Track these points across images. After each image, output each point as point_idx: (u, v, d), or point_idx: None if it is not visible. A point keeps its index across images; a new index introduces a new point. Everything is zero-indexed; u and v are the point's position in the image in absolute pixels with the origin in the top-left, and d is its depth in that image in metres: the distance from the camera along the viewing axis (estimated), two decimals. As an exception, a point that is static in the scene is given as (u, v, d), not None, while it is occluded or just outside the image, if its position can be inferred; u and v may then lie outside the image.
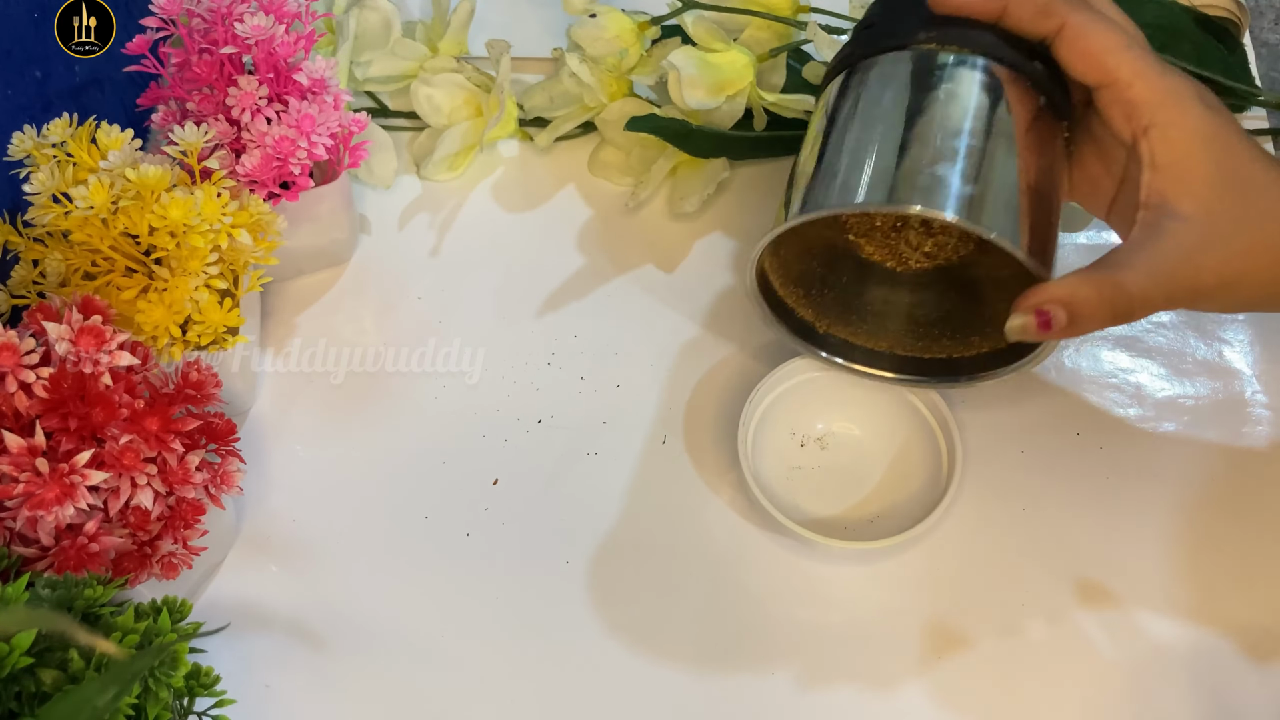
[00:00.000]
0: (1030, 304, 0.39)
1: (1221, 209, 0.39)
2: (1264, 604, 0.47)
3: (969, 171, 0.40)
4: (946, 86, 0.42)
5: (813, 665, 0.46)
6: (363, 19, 0.59)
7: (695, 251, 0.58)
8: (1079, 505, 0.49)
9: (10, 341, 0.40)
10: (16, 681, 0.34)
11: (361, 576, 0.49)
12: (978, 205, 0.39)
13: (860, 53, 0.45)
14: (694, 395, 0.53)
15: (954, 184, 0.39)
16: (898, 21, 0.44)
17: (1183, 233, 0.39)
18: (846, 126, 0.43)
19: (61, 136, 0.47)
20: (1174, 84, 0.39)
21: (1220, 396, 0.52)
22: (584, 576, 0.48)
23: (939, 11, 0.42)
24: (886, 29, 0.44)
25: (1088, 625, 0.46)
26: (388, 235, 0.59)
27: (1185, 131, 0.39)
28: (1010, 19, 0.41)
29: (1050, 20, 0.41)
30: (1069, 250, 0.56)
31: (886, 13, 0.45)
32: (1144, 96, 0.39)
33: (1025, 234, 0.40)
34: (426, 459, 0.52)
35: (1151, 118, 0.39)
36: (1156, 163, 0.39)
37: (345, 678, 0.46)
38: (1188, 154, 0.39)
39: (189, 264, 0.46)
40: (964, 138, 0.40)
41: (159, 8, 0.49)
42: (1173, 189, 0.39)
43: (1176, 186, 0.39)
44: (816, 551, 0.48)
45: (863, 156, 0.41)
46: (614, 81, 0.58)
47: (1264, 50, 1.29)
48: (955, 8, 0.42)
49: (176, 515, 0.42)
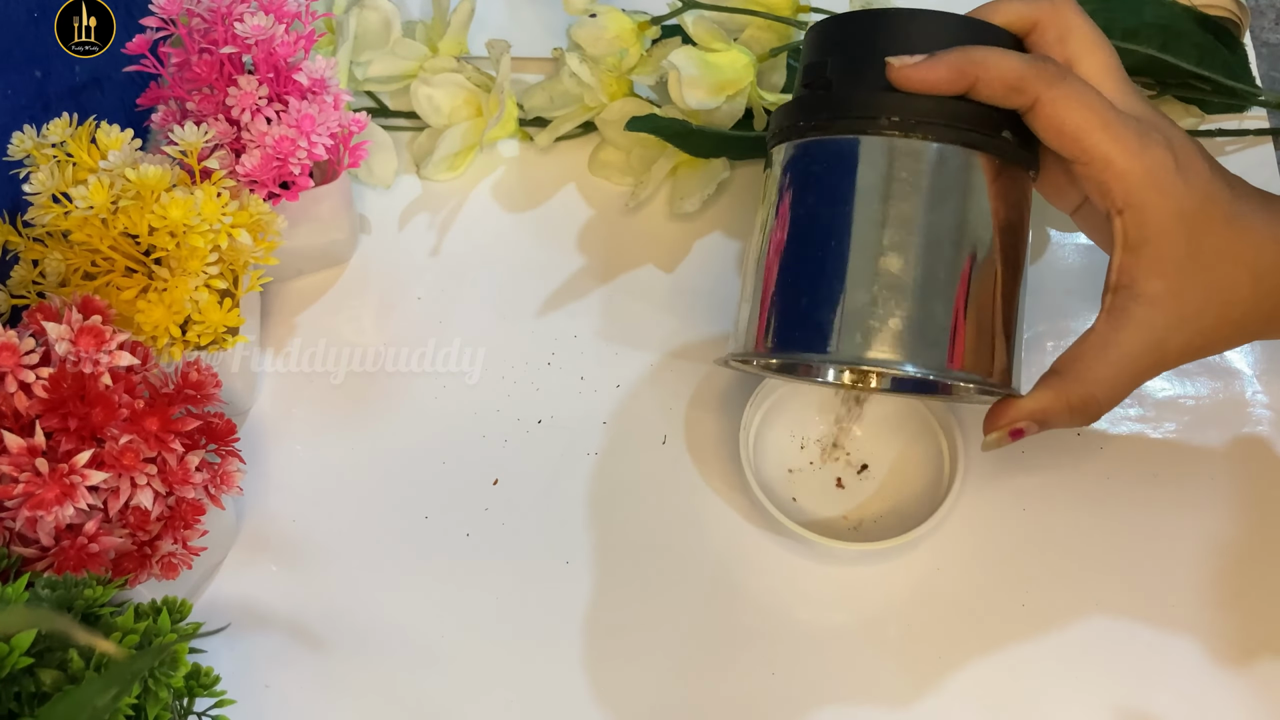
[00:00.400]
0: (1004, 423, 0.41)
1: (1189, 288, 0.39)
2: (1265, 602, 0.47)
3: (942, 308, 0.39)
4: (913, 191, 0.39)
5: (813, 666, 0.46)
6: (363, 19, 0.59)
7: (695, 251, 0.58)
8: (1080, 506, 0.49)
9: (10, 341, 0.40)
10: (16, 682, 0.34)
11: (361, 576, 0.49)
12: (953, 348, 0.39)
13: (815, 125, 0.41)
14: (694, 395, 0.53)
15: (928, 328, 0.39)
16: (854, 83, 0.41)
17: (1150, 318, 0.39)
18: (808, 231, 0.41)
19: (61, 136, 0.46)
20: (1152, 162, 0.38)
21: (1221, 397, 0.52)
22: (584, 576, 0.48)
23: (900, 88, 0.39)
24: (842, 96, 0.41)
25: (1088, 625, 0.46)
26: (388, 235, 0.59)
27: (1160, 214, 0.38)
28: (978, 95, 0.39)
29: (1022, 97, 0.38)
30: (1069, 250, 0.56)
31: (841, 72, 0.41)
32: (1120, 180, 0.38)
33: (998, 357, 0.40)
34: (426, 459, 0.52)
35: (1127, 199, 0.38)
36: (1129, 243, 0.39)
37: (345, 678, 0.46)
38: (1161, 234, 0.38)
39: (189, 264, 0.46)
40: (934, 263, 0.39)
41: (159, 7, 0.49)
42: (1143, 269, 0.39)
43: (1147, 267, 0.39)
44: (817, 552, 0.48)
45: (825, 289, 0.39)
46: (614, 81, 0.58)
47: (1264, 50, 1.29)
48: (919, 86, 0.39)
49: (176, 515, 0.42)
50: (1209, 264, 0.39)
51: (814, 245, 0.40)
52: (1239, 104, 0.58)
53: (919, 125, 0.39)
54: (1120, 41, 0.55)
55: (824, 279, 0.40)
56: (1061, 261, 0.56)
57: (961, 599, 0.47)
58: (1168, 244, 0.38)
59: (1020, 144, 0.40)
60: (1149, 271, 0.39)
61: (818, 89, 0.41)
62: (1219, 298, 0.39)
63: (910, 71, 0.39)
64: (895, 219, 0.39)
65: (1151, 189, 0.38)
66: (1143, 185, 0.38)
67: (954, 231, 0.39)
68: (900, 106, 0.39)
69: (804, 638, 0.47)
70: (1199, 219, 0.39)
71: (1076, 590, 0.47)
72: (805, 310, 0.40)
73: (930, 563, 0.48)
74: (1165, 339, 0.39)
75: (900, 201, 0.39)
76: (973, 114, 0.39)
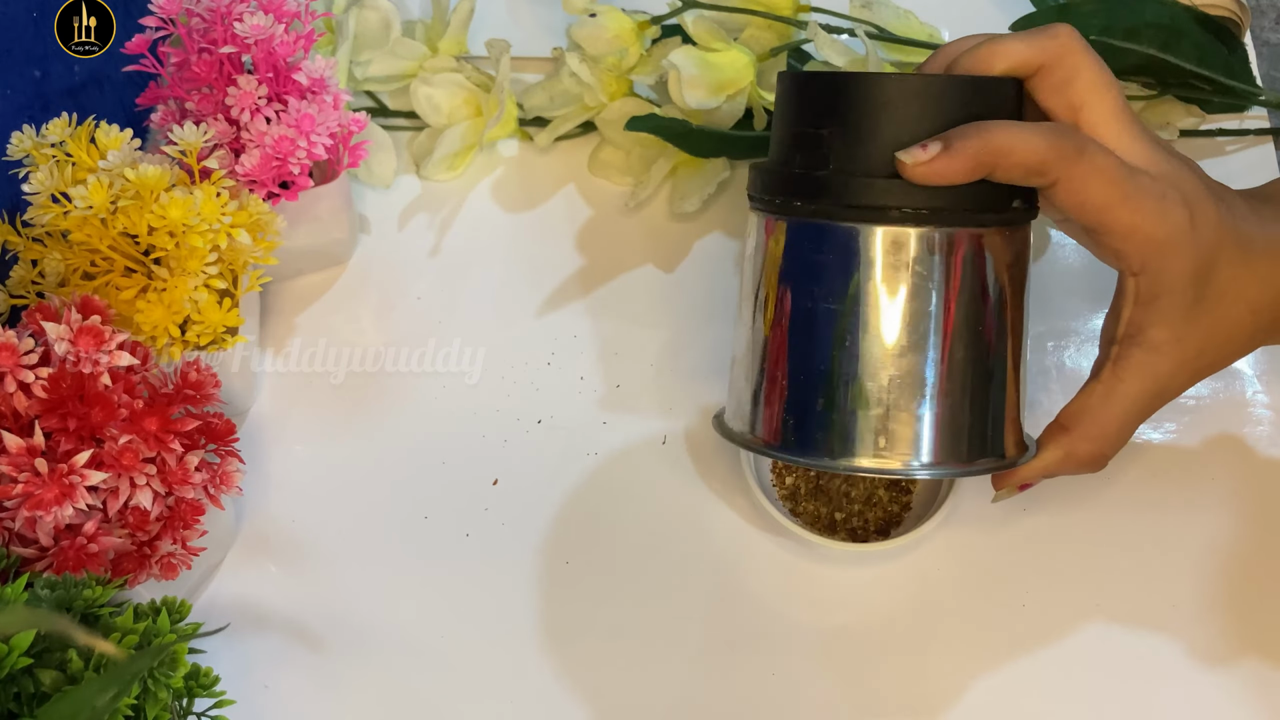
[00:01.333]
0: (1013, 482, 0.43)
1: (1192, 333, 0.39)
2: (1265, 603, 0.47)
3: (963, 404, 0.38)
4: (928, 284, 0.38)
5: (813, 666, 0.46)
6: (362, 18, 0.59)
7: (695, 251, 0.58)
8: (1080, 507, 0.49)
9: (9, 341, 0.39)
10: (15, 682, 0.34)
11: (361, 577, 0.49)
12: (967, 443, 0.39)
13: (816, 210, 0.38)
14: (694, 396, 0.53)
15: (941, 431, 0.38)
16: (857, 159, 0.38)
17: (1156, 365, 0.40)
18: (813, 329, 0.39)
19: (60, 136, 0.46)
20: (1171, 229, 0.38)
21: (1221, 396, 0.52)
22: (584, 577, 0.48)
23: (913, 181, 0.37)
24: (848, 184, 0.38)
25: (1089, 626, 0.46)
26: (387, 235, 0.59)
27: (1174, 273, 0.38)
28: (995, 179, 0.37)
29: (1043, 179, 0.37)
30: (1069, 250, 0.56)
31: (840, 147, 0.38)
32: (1139, 248, 0.38)
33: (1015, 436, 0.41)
34: (426, 459, 0.52)
35: (1144, 265, 0.38)
36: (1141, 300, 0.39)
37: (344, 678, 0.46)
38: (1172, 290, 0.39)
39: (188, 264, 0.46)
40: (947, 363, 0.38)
41: (158, 7, 0.49)
42: (1151, 321, 0.39)
43: (1156, 319, 0.39)
44: (817, 553, 0.48)
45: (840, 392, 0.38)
46: (614, 81, 0.58)
47: (1265, 50, 1.29)
48: (936, 181, 0.37)
49: (175, 515, 0.42)
50: (1212, 307, 0.39)
51: (824, 344, 0.39)
52: (1239, 104, 0.58)
53: (932, 216, 0.37)
54: (1120, 41, 0.55)
55: (837, 382, 0.38)
56: (1061, 261, 0.56)
57: (962, 600, 0.47)
58: (1178, 298, 0.39)
59: (1027, 206, 0.40)
60: (1156, 322, 0.39)
61: (814, 167, 0.39)
62: (1220, 337, 0.40)
63: (926, 169, 0.36)
64: (910, 317, 0.38)
65: (1169, 254, 0.38)
66: (1161, 251, 0.38)
67: (970, 321, 0.38)
68: (910, 196, 0.37)
69: (804, 639, 0.47)
70: (1206, 268, 0.39)
71: (1077, 591, 0.47)
72: (819, 414, 0.39)
73: (931, 563, 0.48)
74: (1168, 382, 0.40)
75: (914, 298, 0.38)
76: (987, 195, 0.38)
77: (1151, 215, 0.37)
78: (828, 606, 0.48)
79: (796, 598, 0.48)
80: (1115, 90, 0.39)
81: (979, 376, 0.39)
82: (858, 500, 0.48)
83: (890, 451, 0.38)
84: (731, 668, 0.46)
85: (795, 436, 0.39)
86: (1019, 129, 0.37)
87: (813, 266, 0.39)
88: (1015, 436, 0.41)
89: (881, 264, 0.38)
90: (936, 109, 0.37)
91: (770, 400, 0.40)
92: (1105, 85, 0.39)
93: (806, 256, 0.39)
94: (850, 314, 0.38)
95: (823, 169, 0.38)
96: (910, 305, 0.38)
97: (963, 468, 0.39)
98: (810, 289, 0.39)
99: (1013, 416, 0.41)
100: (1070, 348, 0.53)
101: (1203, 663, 0.45)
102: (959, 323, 0.38)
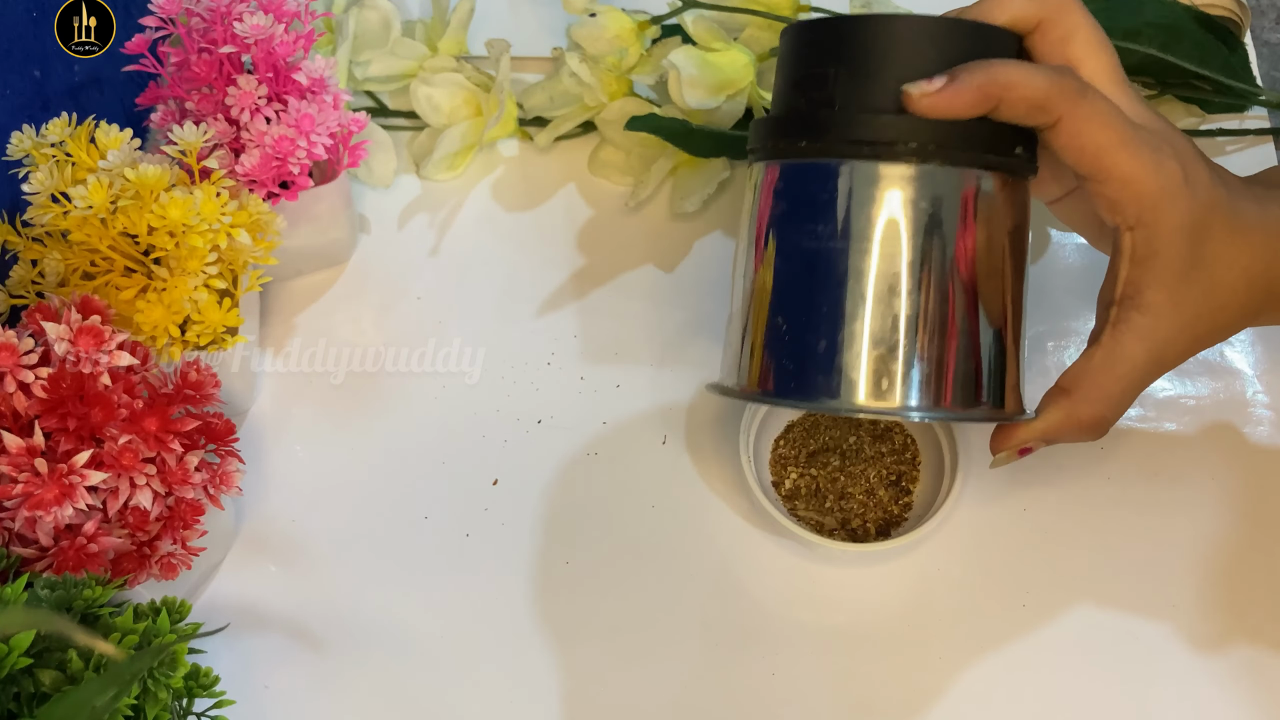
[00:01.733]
0: (1013, 444, 0.42)
1: (1188, 297, 0.39)
2: (1265, 603, 0.47)
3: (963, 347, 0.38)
4: (930, 225, 0.38)
5: (813, 667, 0.46)
6: (362, 18, 0.59)
7: (695, 251, 0.58)
8: (1080, 507, 0.49)
9: (9, 341, 0.39)
10: (15, 682, 0.34)
11: (361, 577, 0.49)
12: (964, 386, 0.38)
13: (821, 147, 0.38)
14: (694, 395, 0.53)
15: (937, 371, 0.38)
16: (861, 99, 0.38)
17: (1154, 328, 0.39)
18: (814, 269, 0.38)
19: (60, 136, 0.46)
20: (1166, 181, 0.38)
21: (1222, 396, 0.52)
22: (584, 577, 0.48)
23: (920, 114, 0.37)
24: (848, 114, 0.38)
25: (1089, 626, 0.46)
26: (387, 235, 0.59)
27: (1169, 228, 0.38)
28: (999, 115, 0.38)
29: (1046, 116, 0.37)
30: (1069, 250, 0.56)
31: (846, 87, 0.38)
32: (1136, 199, 0.38)
33: (1013, 388, 0.40)
34: (426, 459, 0.52)
35: (1140, 217, 0.38)
36: (1137, 257, 0.39)
37: (345, 678, 0.46)
38: (1168, 248, 0.39)
39: (188, 264, 0.46)
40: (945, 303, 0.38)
41: (158, 7, 0.49)
42: (1148, 282, 0.39)
43: (1152, 279, 0.39)
44: (818, 553, 0.48)
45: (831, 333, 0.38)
46: (614, 81, 0.58)
47: (1265, 50, 1.29)
48: (942, 113, 0.37)
49: (175, 515, 0.42)
50: (1207, 271, 0.39)
51: (826, 284, 0.38)
52: (1239, 104, 0.58)
53: (938, 152, 0.37)
54: (1120, 41, 0.55)
55: (839, 323, 0.38)
56: (1061, 261, 0.56)
57: (962, 600, 0.47)
58: (1174, 256, 0.39)
59: (1029, 156, 0.40)
60: (1153, 283, 0.39)
61: (820, 106, 0.39)
62: (1215, 303, 0.40)
63: (933, 100, 0.37)
64: (914, 256, 0.38)
65: (1164, 206, 0.38)
66: (1156, 203, 0.38)
67: (971, 265, 0.38)
68: (916, 131, 0.37)
69: (804, 639, 0.47)
70: (1201, 229, 0.39)
71: (1077, 591, 0.47)
72: (819, 356, 0.38)
73: (931, 564, 0.48)
74: (1166, 348, 0.40)
75: (919, 236, 0.38)
76: (990, 134, 0.38)
77: (1148, 164, 0.38)
78: (828, 606, 0.48)
79: (796, 598, 0.48)
80: (1111, 51, 0.40)
81: (979, 322, 0.39)
82: (858, 500, 0.48)
83: (890, 393, 0.38)
84: (731, 668, 0.46)
85: (795, 381, 0.39)
86: (1023, 66, 0.38)
87: (817, 206, 0.39)
88: (1015, 393, 0.41)
89: (886, 201, 0.38)
90: (941, 50, 0.38)
91: (769, 346, 0.40)
92: (1101, 44, 0.40)
93: (811, 196, 0.39)
94: (854, 252, 0.38)
95: (828, 108, 0.38)
96: (914, 243, 0.38)
97: (961, 412, 0.39)
98: (813, 228, 0.39)
99: (1012, 371, 0.40)
100: (1070, 348, 0.53)
101: (1203, 662, 0.45)
102: (961, 264, 0.38)
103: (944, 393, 0.38)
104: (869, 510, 0.48)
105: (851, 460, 0.49)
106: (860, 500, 0.48)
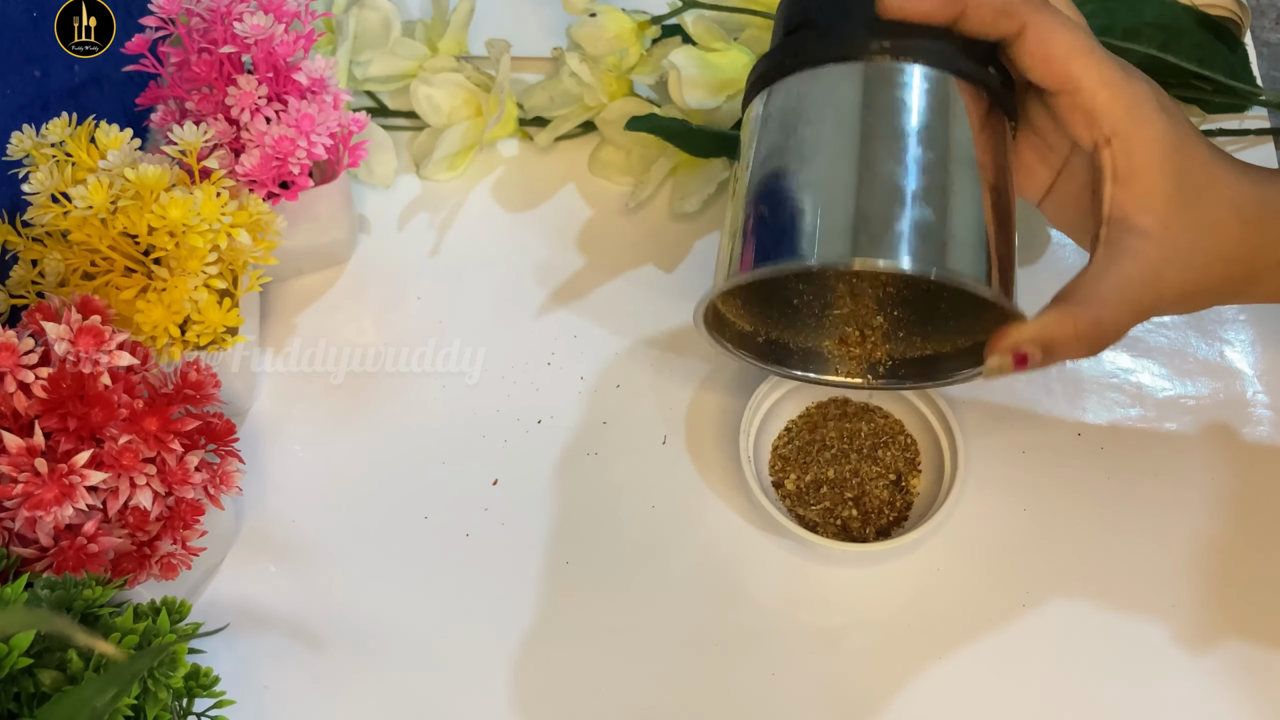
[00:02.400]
0: (1007, 345, 0.40)
1: (1180, 223, 0.39)
2: (1265, 603, 0.47)
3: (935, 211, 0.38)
4: (903, 109, 0.39)
5: (813, 666, 0.46)
6: (362, 18, 0.59)
7: (695, 251, 0.58)
8: (1080, 505, 0.49)
9: (9, 341, 0.39)
10: (15, 682, 0.34)
11: (361, 577, 0.49)
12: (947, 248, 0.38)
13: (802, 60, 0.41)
14: (694, 395, 0.53)
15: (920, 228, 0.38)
16: (840, 20, 0.41)
17: (1145, 251, 0.39)
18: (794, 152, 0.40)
19: (60, 136, 0.46)
20: (1137, 92, 0.38)
21: (1222, 396, 0.52)
22: (584, 577, 0.48)
23: (888, 17, 0.39)
24: (828, 31, 0.41)
25: (1089, 626, 0.46)
26: (387, 235, 0.59)
27: (1148, 142, 0.38)
28: (967, 22, 0.39)
29: (1011, 22, 0.38)
30: (1069, 250, 0.56)
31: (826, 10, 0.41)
32: (1108, 106, 0.38)
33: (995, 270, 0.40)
34: (426, 459, 0.52)
35: (1114, 128, 0.38)
36: (1119, 175, 0.39)
37: (344, 678, 0.46)
38: (1149, 166, 0.38)
39: (188, 264, 0.46)
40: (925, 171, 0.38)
41: (158, 7, 0.49)
42: (1134, 203, 0.39)
43: (1138, 201, 0.39)
44: (818, 553, 0.48)
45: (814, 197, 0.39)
46: (614, 81, 0.58)
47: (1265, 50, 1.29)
48: (911, 14, 0.39)
49: (175, 515, 0.42)
50: (1195, 200, 0.39)
51: (802, 162, 0.39)
52: (1239, 104, 0.58)
53: (910, 51, 0.39)
54: (1120, 41, 0.55)
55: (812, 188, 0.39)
56: (1062, 262, 0.56)
57: (962, 599, 0.47)
58: (1156, 176, 0.38)
59: (1004, 83, 0.41)
60: (1139, 206, 0.39)
61: (803, 29, 0.41)
62: (1209, 235, 0.39)
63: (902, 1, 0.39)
64: (885, 131, 0.39)
65: (1137, 118, 0.38)
66: (1129, 113, 0.38)
67: (944, 148, 0.39)
68: (889, 34, 0.39)
69: (804, 638, 0.47)
70: (1182, 154, 0.39)
71: (1077, 590, 0.47)
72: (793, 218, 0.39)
73: (931, 563, 0.48)
74: (1161, 273, 0.39)
75: (891, 116, 0.39)
76: (961, 46, 0.39)
77: (1116, 74, 0.38)
78: (828, 607, 0.48)
79: (796, 598, 0.48)
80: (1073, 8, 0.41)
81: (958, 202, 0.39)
82: (858, 500, 0.48)
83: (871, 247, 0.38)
84: (731, 668, 0.46)
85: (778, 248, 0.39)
86: None
87: (800, 110, 0.40)
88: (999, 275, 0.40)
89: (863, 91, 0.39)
90: None
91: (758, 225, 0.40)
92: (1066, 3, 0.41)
93: (794, 103, 0.41)
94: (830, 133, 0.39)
95: (810, 30, 0.41)
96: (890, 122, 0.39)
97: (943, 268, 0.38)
98: (794, 125, 0.40)
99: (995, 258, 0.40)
100: (1070, 348, 0.53)
101: (1203, 661, 0.45)
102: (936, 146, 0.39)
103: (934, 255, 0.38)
104: (869, 510, 0.48)
105: (851, 460, 0.49)
106: (860, 500, 0.48)
